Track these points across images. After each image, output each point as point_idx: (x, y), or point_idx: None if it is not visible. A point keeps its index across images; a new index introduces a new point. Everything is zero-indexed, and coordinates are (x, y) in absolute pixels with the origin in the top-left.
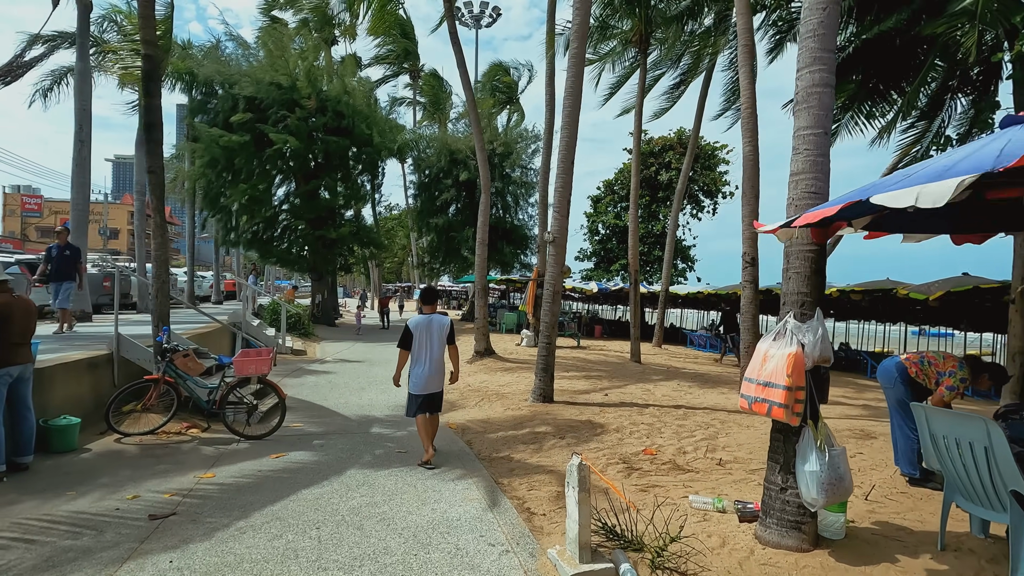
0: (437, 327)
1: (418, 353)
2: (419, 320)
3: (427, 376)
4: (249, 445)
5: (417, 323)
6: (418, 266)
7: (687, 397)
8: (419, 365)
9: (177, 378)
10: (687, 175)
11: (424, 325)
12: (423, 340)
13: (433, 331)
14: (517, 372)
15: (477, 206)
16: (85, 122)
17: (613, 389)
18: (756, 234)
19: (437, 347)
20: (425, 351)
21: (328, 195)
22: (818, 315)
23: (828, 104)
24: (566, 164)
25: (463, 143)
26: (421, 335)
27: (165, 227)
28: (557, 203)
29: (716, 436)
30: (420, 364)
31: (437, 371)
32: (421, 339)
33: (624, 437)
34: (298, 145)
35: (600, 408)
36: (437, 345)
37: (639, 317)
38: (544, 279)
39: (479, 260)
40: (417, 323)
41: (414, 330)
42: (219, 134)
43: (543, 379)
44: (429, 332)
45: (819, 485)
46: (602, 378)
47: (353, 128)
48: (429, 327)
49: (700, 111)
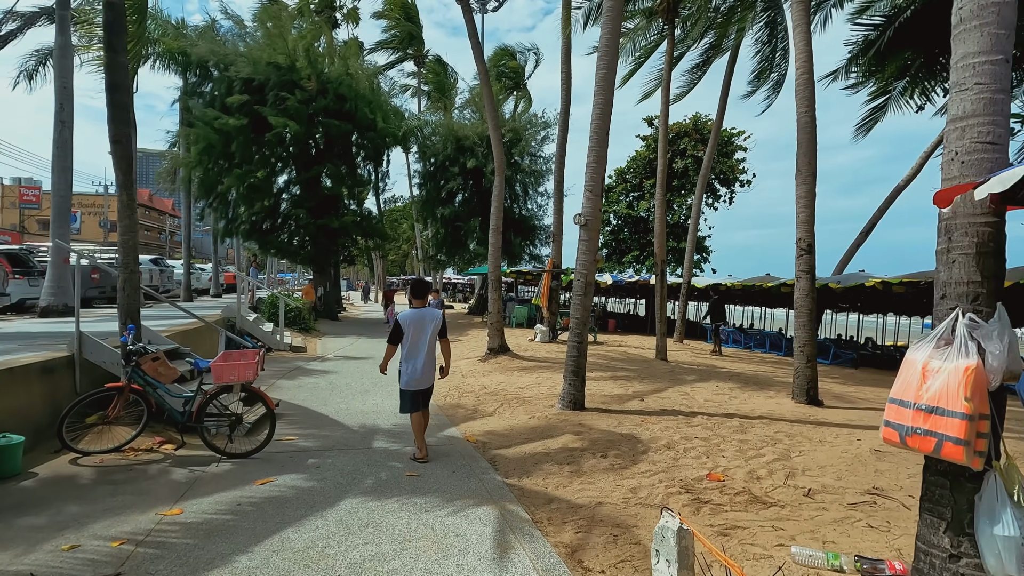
0: (429, 321)
1: (410, 348)
2: (410, 314)
3: (421, 371)
4: (231, 465)
5: (408, 317)
6: (423, 259)
7: (734, 403)
8: (411, 360)
9: (146, 385)
10: (711, 160)
11: (415, 319)
12: (415, 335)
13: (425, 325)
14: (537, 372)
15: (485, 195)
16: (66, 101)
17: (649, 394)
18: (812, 217)
19: (429, 341)
20: (417, 346)
21: (330, 183)
22: (1000, 313)
23: (1010, 20)
24: (600, 135)
25: (470, 129)
26: (412, 330)
27: (134, 207)
28: (589, 181)
29: (789, 455)
30: (413, 359)
31: (430, 366)
32: (412, 334)
33: (678, 456)
34: (298, 129)
35: (640, 417)
36: (429, 339)
37: (664, 312)
38: (558, 270)
39: (492, 249)
40: (408, 317)
41: (404, 325)
42: (214, 116)
43: (573, 383)
44: (421, 326)
45: (1020, 557)
46: (631, 379)
47: (356, 112)
48: (420, 321)
49: (725, 92)
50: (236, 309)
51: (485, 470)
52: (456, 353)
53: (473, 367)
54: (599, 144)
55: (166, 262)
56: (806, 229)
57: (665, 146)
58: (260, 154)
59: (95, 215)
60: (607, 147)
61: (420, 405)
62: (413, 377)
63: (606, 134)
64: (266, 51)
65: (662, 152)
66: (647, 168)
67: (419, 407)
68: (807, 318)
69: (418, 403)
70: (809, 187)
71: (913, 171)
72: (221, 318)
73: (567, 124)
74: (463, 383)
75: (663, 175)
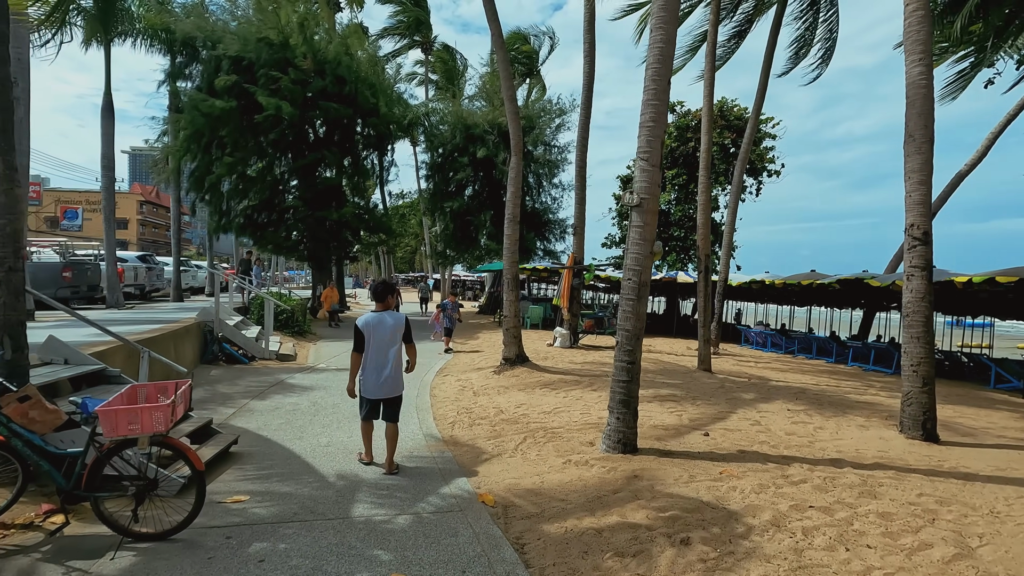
0: (392, 325)
1: (372, 354)
2: (371, 318)
3: (382, 379)
4: (134, 557)
5: (368, 322)
6: (431, 255)
7: (824, 437)
8: (372, 367)
9: (11, 437)
10: (751, 141)
11: (377, 324)
12: (377, 340)
13: (388, 330)
14: (563, 389)
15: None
16: (21, 75)
17: (711, 423)
18: (928, 196)
19: (393, 346)
20: (379, 352)
21: (329, 173)
22: None
23: None
24: (659, 85)
25: (480, 117)
26: (374, 335)
27: (13, 179)
28: (644, 147)
29: (964, 541)
30: (374, 366)
31: (394, 374)
32: (374, 339)
33: (800, 544)
34: (292, 111)
35: (717, 466)
36: (393, 345)
37: (709, 314)
38: (580, 266)
39: (509, 242)
40: (368, 322)
41: (365, 330)
42: (200, 98)
43: (623, 417)
44: (383, 331)
45: None
46: (680, 400)
47: (356, 95)
48: (383, 326)
49: (768, 61)
50: (214, 311)
51: (512, 563)
52: (466, 363)
53: (486, 381)
54: (658, 96)
55: (155, 259)
56: (921, 212)
57: (710, 121)
58: (252, 141)
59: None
60: (668, 102)
61: (376, 415)
62: (372, 385)
63: (667, 83)
64: (257, 27)
65: (706, 128)
66: (669, 158)
67: (373, 416)
68: (923, 328)
69: (373, 411)
70: (925, 158)
71: (978, 155)
72: (195, 323)
73: (590, 101)
74: (475, 403)
75: (707, 154)
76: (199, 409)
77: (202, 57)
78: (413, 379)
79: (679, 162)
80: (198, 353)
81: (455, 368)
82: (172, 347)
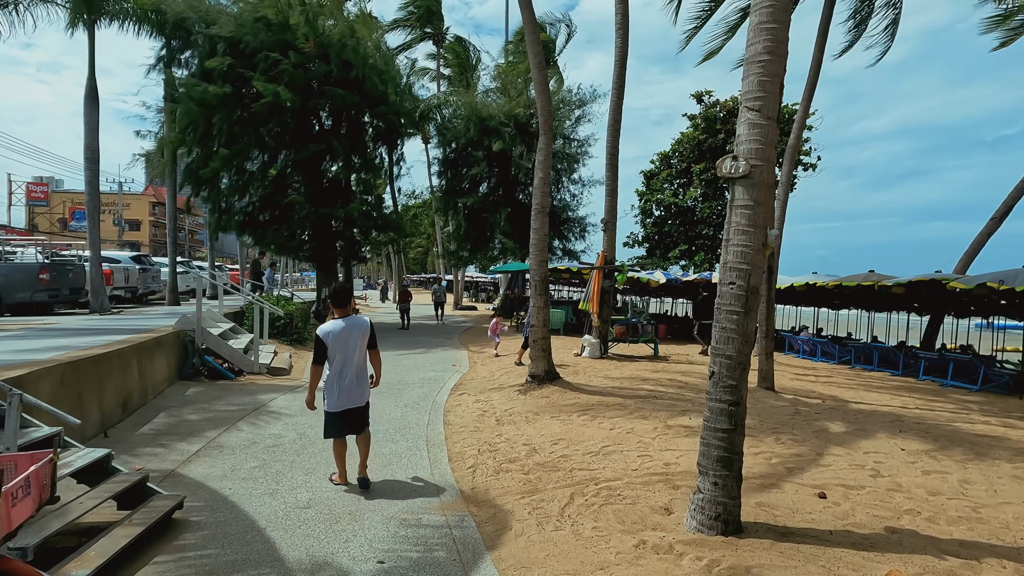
0: (355, 332)
1: (335, 365)
2: (332, 327)
3: (346, 390)
4: None
5: (329, 331)
6: (443, 255)
7: (982, 496)
8: (337, 378)
9: None
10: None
11: (339, 332)
12: (340, 349)
13: (351, 337)
14: (607, 416)
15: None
16: None
17: (812, 468)
18: None
19: (356, 355)
20: (343, 362)
21: (335, 167)
22: None
23: None
24: (777, 27)
25: (496, 109)
26: (336, 344)
27: None
28: (755, 93)
29: None
30: (338, 377)
31: (358, 382)
32: (337, 348)
33: None
34: (292, 98)
35: (867, 558)
36: (356, 353)
37: (772, 323)
38: (612, 266)
39: (537, 236)
40: (329, 331)
41: (327, 340)
42: (192, 83)
43: (723, 482)
44: (346, 339)
45: None
46: (756, 430)
47: (364, 81)
48: (345, 333)
49: (823, 33)
50: (196, 319)
51: None
52: (485, 377)
53: (511, 404)
54: (775, 17)
55: (151, 259)
56: None
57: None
58: (251, 131)
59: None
60: (789, 26)
61: (348, 429)
62: (336, 397)
63: (787, 26)
64: (254, 5)
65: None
66: (696, 151)
67: (346, 431)
68: None
69: (345, 427)
70: None
71: None
72: (173, 332)
73: (624, 79)
74: (499, 436)
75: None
76: (151, 446)
77: (196, 41)
78: (424, 398)
79: (707, 155)
80: (175, 368)
81: (473, 384)
82: (135, 364)
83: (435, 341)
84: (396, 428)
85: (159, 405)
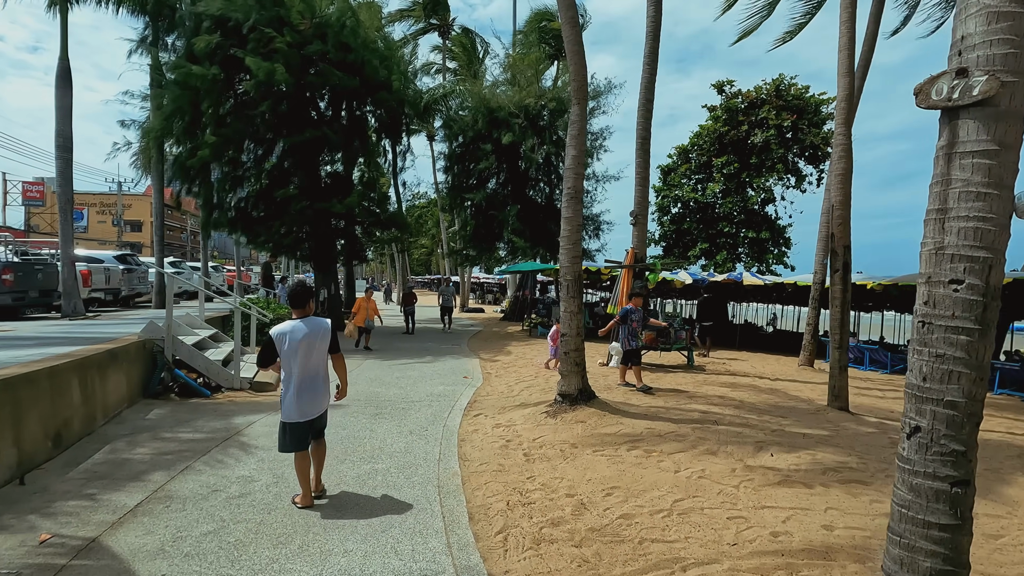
0: (313, 334)
1: (290, 370)
2: (286, 328)
3: (307, 398)
4: None
5: (283, 332)
6: (448, 254)
7: None
8: (293, 384)
9: None
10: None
11: (296, 333)
12: (296, 353)
13: (308, 340)
14: (663, 449)
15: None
16: None
17: (983, 540)
18: None
19: (315, 360)
20: (302, 367)
21: (334, 159)
22: None
23: None
24: None
25: (505, 99)
26: (291, 347)
27: None
28: None
29: None
30: (295, 384)
31: (318, 390)
32: (293, 352)
33: None
34: (287, 78)
35: None
36: (315, 357)
37: (847, 331)
38: (643, 264)
39: (569, 227)
40: (283, 332)
41: (280, 342)
42: (176, 64)
43: None
44: (302, 342)
45: None
46: (866, 474)
47: (364, 65)
48: (302, 336)
49: None
50: (165, 328)
51: None
52: (502, 392)
53: (540, 430)
54: None
55: (137, 259)
56: None
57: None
58: (242, 118)
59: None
60: None
61: (306, 441)
62: (294, 405)
63: None
64: None
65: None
66: (716, 144)
67: (304, 444)
68: None
69: (303, 439)
70: None
71: None
72: (138, 341)
73: (657, 53)
74: (531, 478)
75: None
76: (77, 498)
77: (182, 20)
78: (433, 421)
79: (728, 149)
80: (139, 384)
81: (489, 402)
82: (76, 384)
83: (443, 348)
84: (400, 466)
85: (108, 434)
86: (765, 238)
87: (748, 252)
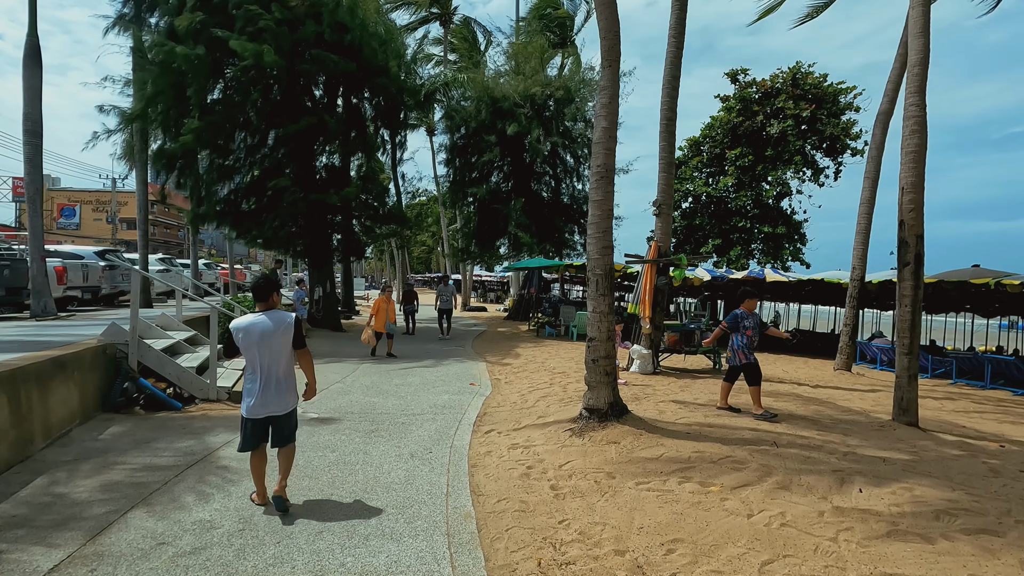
0: (275, 328)
1: (252, 364)
2: (248, 321)
3: (265, 393)
4: None
5: (243, 325)
6: (450, 253)
7: None
8: (253, 379)
9: None
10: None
11: (255, 327)
12: (257, 346)
13: (270, 333)
14: (723, 480)
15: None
16: None
17: None
18: None
19: (277, 354)
20: (262, 362)
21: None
22: None
23: None
24: None
25: (509, 88)
26: (253, 340)
27: None
28: None
29: None
30: (255, 378)
31: (281, 386)
32: (252, 345)
33: None
34: (277, 61)
35: None
36: (277, 351)
37: (918, 334)
38: (668, 259)
39: (599, 212)
40: (243, 325)
41: (240, 335)
42: (156, 42)
43: None
44: (264, 335)
45: None
46: (981, 523)
47: (362, 48)
48: (263, 329)
49: None
50: (131, 329)
51: None
52: (516, 403)
53: (566, 455)
54: None
55: (120, 255)
56: None
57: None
58: (230, 103)
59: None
60: None
61: (264, 439)
62: (254, 400)
63: None
64: None
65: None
66: (730, 135)
67: (261, 442)
68: None
69: (260, 437)
70: None
71: None
72: (96, 346)
73: (684, 22)
74: (565, 523)
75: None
76: None
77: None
78: (438, 440)
79: (742, 140)
80: (96, 396)
81: (501, 414)
82: (4, 402)
83: (445, 350)
84: (399, 504)
85: (48, 460)
86: (781, 233)
87: (763, 248)
